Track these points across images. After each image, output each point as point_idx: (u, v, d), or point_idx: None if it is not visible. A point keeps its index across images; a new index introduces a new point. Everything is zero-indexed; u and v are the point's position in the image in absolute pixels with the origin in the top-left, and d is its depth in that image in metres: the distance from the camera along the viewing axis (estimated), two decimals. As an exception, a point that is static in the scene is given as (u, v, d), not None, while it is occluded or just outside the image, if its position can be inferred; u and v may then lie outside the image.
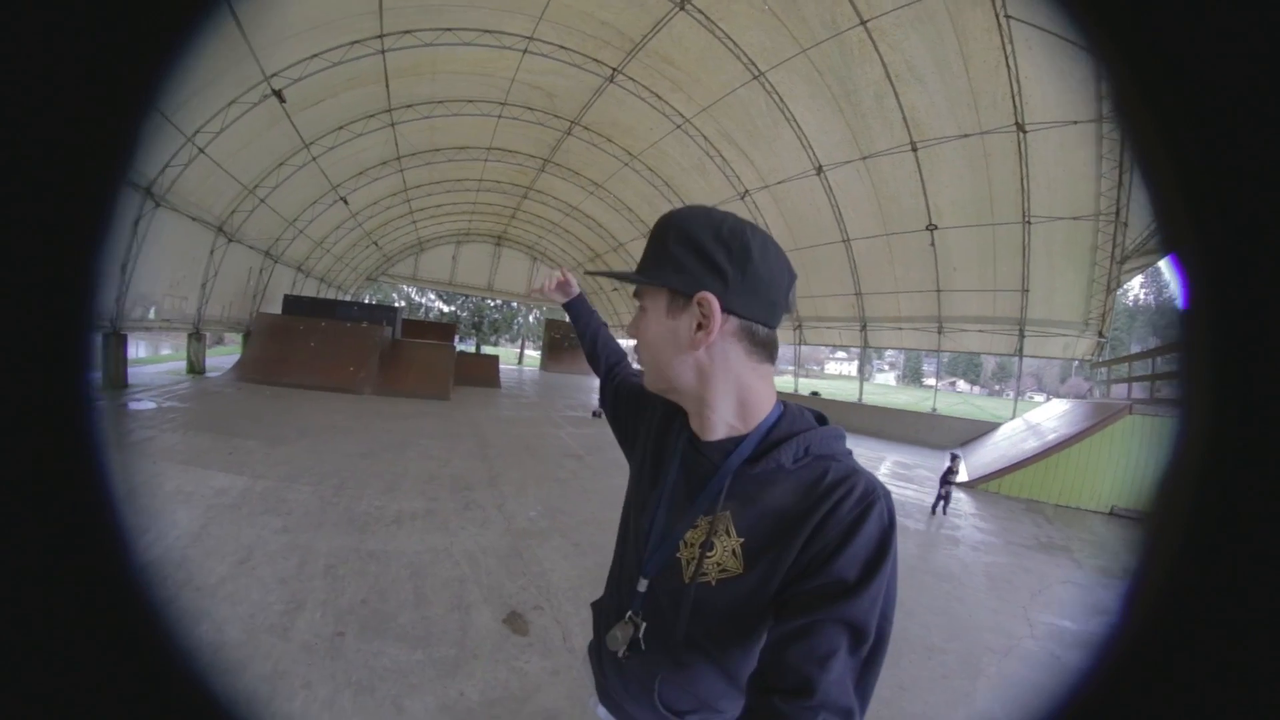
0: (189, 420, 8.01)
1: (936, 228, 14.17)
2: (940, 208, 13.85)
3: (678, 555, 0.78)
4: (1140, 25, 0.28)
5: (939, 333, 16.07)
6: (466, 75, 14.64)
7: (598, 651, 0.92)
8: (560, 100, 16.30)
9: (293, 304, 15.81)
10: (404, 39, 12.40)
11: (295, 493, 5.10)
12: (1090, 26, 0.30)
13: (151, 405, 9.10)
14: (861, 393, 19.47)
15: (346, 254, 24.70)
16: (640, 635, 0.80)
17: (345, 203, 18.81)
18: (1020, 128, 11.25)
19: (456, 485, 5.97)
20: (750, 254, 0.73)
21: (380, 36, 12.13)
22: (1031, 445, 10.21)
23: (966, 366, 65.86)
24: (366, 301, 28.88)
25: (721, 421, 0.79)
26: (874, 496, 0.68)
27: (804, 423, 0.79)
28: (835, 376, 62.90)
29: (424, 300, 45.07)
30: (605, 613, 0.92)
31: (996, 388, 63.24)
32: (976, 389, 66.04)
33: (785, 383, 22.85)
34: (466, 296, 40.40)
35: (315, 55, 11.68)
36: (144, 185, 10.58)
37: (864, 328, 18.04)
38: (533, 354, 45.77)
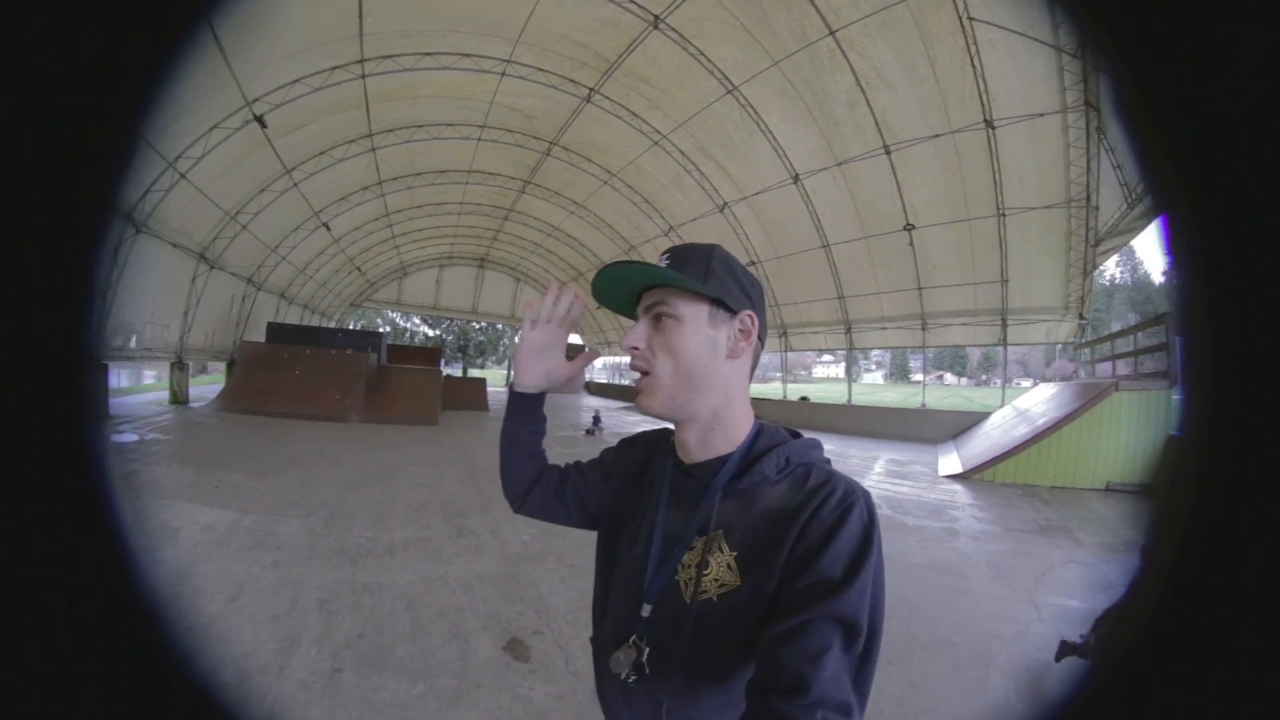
0: (173, 452, 7.90)
1: (914, 227, 14.42)
2: (916, 207, 14.09)
3: (676, 578, 0.80)
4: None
5: (923, 329, 16.28)
6: (445, 99, 14.79)
7: (601, 685, 0.91)
8: (539, 121, 16.46)
9: (276, 332, 15.67)
10: (384, 64, 12.53)
11: (284, 526, 5.00)
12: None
13: (134, 437, 9.00)
14: (850, 394, 19.56)
15: (329, 280, 24.57)
16: (644, 659, 0.80)
17: (327, 229, 18.78)
18: (989, 124, 11.55)
19: (448, 512, 5.87)
20: (761, 293, 0.87)
21: (361, 61, 12.25)
22: (1022, 431, 10.26)
23: (953, 360, 66.18)
24: (351, 328, 28.61)
25: (722, 438, 0.83)
26: (854, 497, 0.72)
27: (781, 437, 0.84)
28: (823, 380, 63.15)
29: (409, 325, 44.86)
30: (604, 643, 0.90)
31: (984, 377, 63.12)
32: (964, 380, 65.89)
33: (774, 389, 22.96)
34: (451, 320, 40.25)
35: (297, 80, 11.77)
36: (125, 210, 10.48)
37: (848, 330, 18.21)
38: (521, 374, 45.50)
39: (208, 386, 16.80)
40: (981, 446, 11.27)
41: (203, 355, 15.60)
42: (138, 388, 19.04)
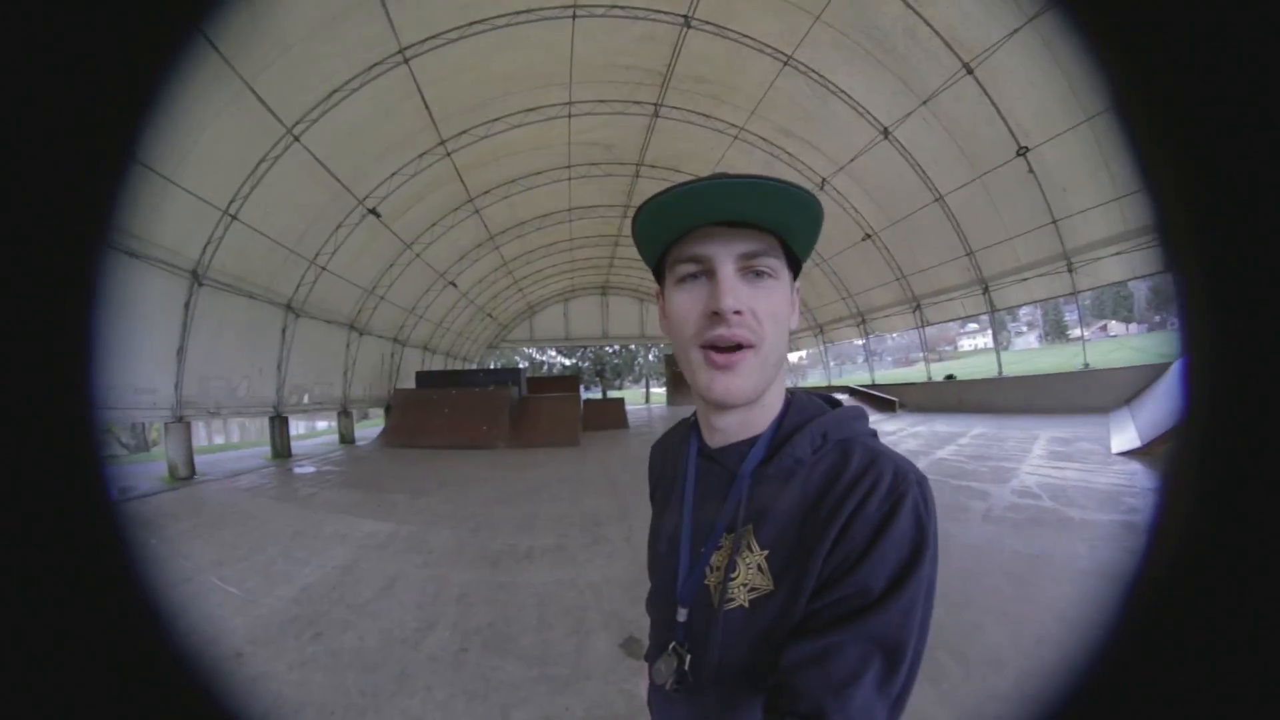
0: (343, 480, 9.67)
1: (1027, 149, 12.43)
2: (1023, 124, 12.13)
3: (705, 581, 0.71)
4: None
5: (1070, 271, 13.91)
6: (526, 152, 16.10)
7: (650, 694, 0.84)
8: (619, 148, 17.17)
9: (424, 379, 18.13)
10: (462, 139, 14.12)
11: (436, 534, 5.76)
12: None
13: (312, 469, 11.26)
14: (1000, 364, 17.10)
15: (465, 329, 27.49)
16: (685, 667, 0.70)
17: (454, 286, 21.28)
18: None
19: (586, 522, 6.09)
20: None
21: (441, 143, 13.98)
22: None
23: (1115, 303, 52.99)
24: (491, 367, 31.40)
25: (760, 415, 0.71)
26: (905, 485, 0.60)
27: (815, 408, 0.73)
28: (971, 353, 55.19)
29: (545, 358, 48.01)
30: (650, 651, 0.84)
31: (1157, 319, 47.16)
32: (1132, 327, 51.87)
33: (917, 372, 20.80)
34: (585, 347, 42.52)
35: (394, 174, 13.91)
36: (284, 303, 13.67)
37: (985, 290, 16.26)
38: (658, 391, 46.63)
39: (370, 429, 19.76)
40: (1164, 410, 9.10)
41: (363, 404, 18.65)
42: (313, 433, 23.59)
